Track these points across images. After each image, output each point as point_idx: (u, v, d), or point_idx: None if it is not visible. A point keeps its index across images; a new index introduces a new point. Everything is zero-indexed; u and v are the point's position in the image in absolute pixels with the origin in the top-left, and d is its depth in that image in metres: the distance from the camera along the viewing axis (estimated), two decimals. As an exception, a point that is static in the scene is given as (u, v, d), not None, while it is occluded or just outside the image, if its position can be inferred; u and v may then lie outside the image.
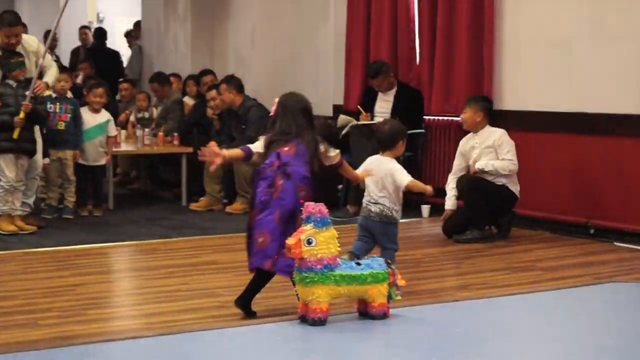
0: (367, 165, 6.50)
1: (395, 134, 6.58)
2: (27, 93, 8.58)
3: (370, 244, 6.52)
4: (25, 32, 10.11)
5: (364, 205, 6.52)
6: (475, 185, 8.26)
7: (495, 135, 8.37)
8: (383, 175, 6.40)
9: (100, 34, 15.64)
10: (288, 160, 5.71)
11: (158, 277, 6.95)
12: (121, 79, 13.82)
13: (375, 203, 6.42)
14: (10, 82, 8.68)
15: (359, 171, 6.41)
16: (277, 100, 5.98)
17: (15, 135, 8.52)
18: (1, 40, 8.75)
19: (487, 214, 8.26)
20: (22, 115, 8.52)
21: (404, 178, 6.37)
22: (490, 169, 8.22)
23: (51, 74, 9.00)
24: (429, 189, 6.49)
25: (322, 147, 5.89)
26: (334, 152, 5.98)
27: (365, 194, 6.49)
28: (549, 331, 5.38)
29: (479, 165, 8.27)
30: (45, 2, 18.11)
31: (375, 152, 9.46)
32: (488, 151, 8.33)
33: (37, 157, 8.94)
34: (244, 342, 5.19)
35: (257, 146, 5.90)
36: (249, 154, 5.90)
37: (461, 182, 8.44)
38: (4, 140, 8.55)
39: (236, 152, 5.95)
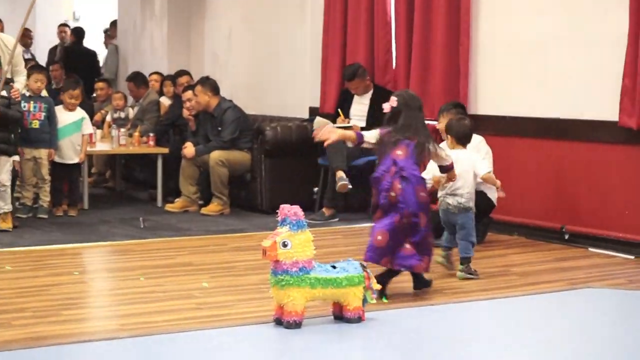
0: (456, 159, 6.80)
1: (473, 129, 7.28)
2: None
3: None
4: (2, 29, 10.08)
5: (440, 198, 6.94)
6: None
7: (473, 142, 8.36)
8: (467, 167, 6.87)
9: (78, 33, 15.58)
10: (403, 165, 6.10)
11: (133, 278, 6.92)
12: (97, 78, 13.77)
13: (453, 195, 6.87)
14: None
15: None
16: (394, 97, 6.34)
17: None
18: None
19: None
20: None
21: (483, 169, 7.04)
22: None
23: (20, 82, 8.96)
24: (498, 182, 7.19)
25: (431, 147, 6.29)
26: (446, 154, 6.45)
27: (440, 187, 6.90)
28: (524, 336, 5.40)
29: None
30: (21, 1, 18.02)
31: (351, 155, 9.56)
32: None
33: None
34: (219, 344, 5.18)
35: (371, 135, 6.30)
36: (360, 140, 6.32)
37: None
38: None
39: (350, 134, 6.39)
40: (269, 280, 5.38)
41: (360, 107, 10.06)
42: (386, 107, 6.36)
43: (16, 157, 9.26)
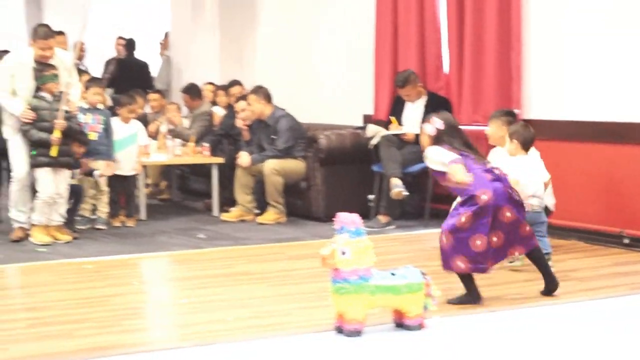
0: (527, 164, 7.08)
1: None
2: (60, 108, 8.63)
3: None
4: (65, 42, 10.18)
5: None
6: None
7: None
8: (538, 170, 7.18)
9: (130, 45, 15.69)
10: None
11: (192, 288, 6.96)
12: (149, 90, 13.86)
13: (534, 197, 7.05)
14: (45, 95, 8.72)
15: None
16: (438, 118, 6.45)
17: (54, 153, 8.64)
18: (35, 53, 8.82)
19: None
20: (58, 134, 8.61)
21: (546, 174, 7.35)
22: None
23: (75, 95, 9.06)
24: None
25: None
26: None
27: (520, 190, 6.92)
28: (585, 342, 5.35)
29: None
30: (73, 13, 18.17)
31: (406, 161, 9.56)
32: None
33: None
34: (279, 353, 5.19)
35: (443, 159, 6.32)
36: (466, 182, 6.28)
37: None
38: (42, 155, 8.66)
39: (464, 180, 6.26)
40: (329, 289, 5.38)
41: (413, 113, 10.04)
42: (430, 128, 6.41)
43: (96, 172, 9.43)
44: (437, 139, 6.37)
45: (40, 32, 8.83)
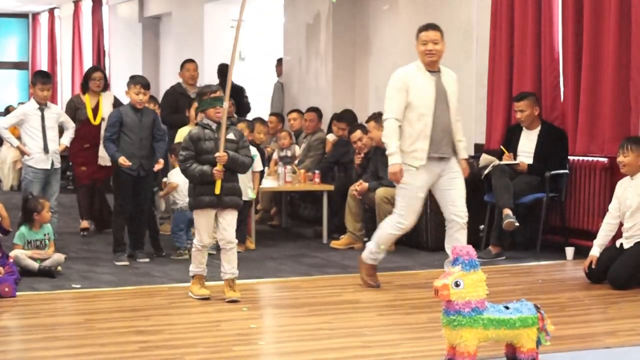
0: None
1: None
2: (221, 139, 7.43)
3: None
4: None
5: None
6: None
7: None
8: None
9: (221, 71, 15.44)
10: None
11: (300, 315, 6.97)
12: (245, 114, 13.79)
13: None
14: (210, 123, 7.56)
15: None
16: None
17: (217, 189, 7.41)
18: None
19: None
20: (219, 167, 7.40)
21: None
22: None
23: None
24: None
25: None
26: None
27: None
28: None
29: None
30: (187, 41, 18.41)
31: (518, 192, 9.44)
32: None
33: None
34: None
35: None
36: None
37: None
38: (202, 194, 7.46)
39: None
40: (440, 320, 5.32)
41: (528, 143, 9.87)
42: None
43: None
44: None
45: None
